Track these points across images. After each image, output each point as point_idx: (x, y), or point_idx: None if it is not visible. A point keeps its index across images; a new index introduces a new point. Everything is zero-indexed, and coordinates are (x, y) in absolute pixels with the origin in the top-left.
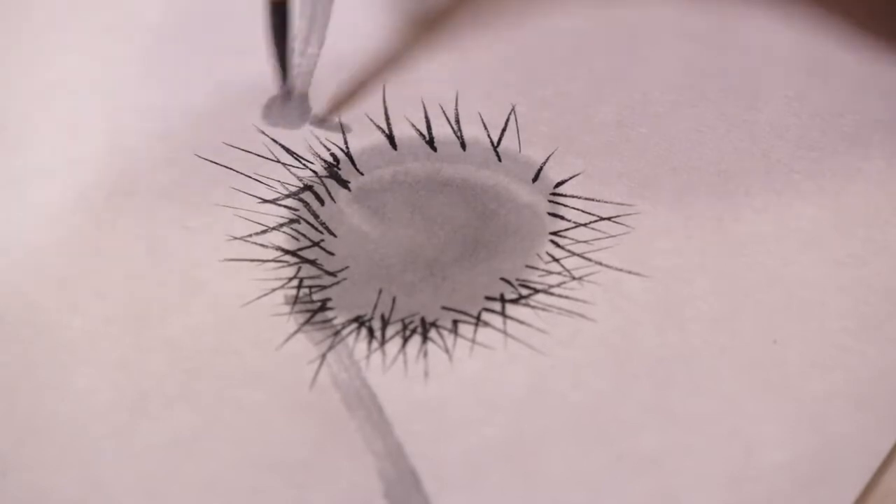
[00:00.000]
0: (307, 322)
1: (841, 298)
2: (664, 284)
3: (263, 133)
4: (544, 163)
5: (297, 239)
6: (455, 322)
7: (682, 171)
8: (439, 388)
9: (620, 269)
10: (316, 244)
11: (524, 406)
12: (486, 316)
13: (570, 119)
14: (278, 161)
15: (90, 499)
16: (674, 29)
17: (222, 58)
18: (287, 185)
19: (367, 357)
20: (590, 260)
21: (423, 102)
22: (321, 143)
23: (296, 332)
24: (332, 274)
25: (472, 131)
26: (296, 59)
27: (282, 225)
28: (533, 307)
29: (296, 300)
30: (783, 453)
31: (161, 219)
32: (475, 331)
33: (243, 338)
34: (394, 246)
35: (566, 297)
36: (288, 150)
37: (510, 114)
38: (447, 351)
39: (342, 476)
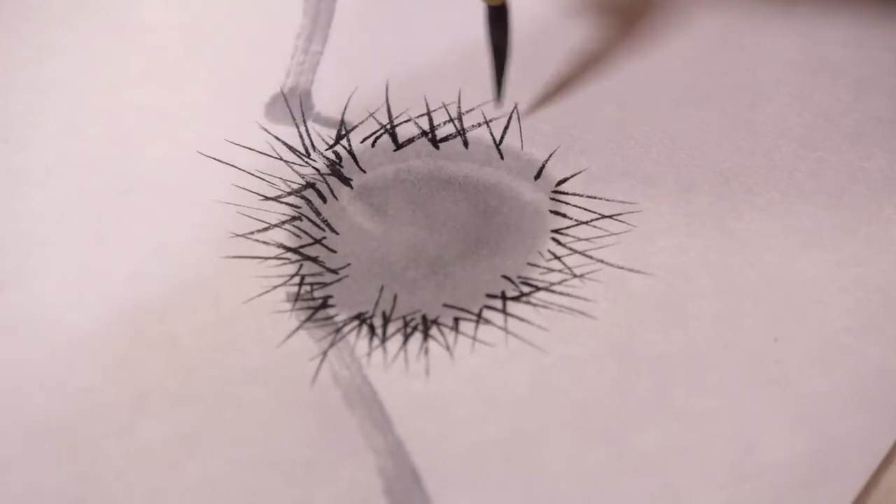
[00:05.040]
0: (308, 319)
1: (842, 297)
2: (666, 282)
3: (266, 130)
4: (546, 161)
5: (298, 236)
6: (456, 319)
7: (685, 169)
8: (440, 386)
9: (622, 267)
10: (318, 241)
11: (525, 403)
12: (487, 313)
13: (572, 117)
14: (280, 158)
15: (91, 498)
16: (677, 28)
17: (225, 55)
18: (289, 183)
19: (369, 354)
20: (591, 258)
21: (425, 100)
22: (324, 140)
23: (297, 329)
24: (334, 271)
25: (474, 129)
26: (299, 57)
27: (284, 222)
28: (534, 305)
29: (297, 297)
30: (784, 451)
31: (163, 216)
32: (476, 328)
33: (245, 335)
34: (396, 243)
35: (568, 295)
36: (290, 148)
37: (512, 112)
38: (448, 348)
39: (343, 473)
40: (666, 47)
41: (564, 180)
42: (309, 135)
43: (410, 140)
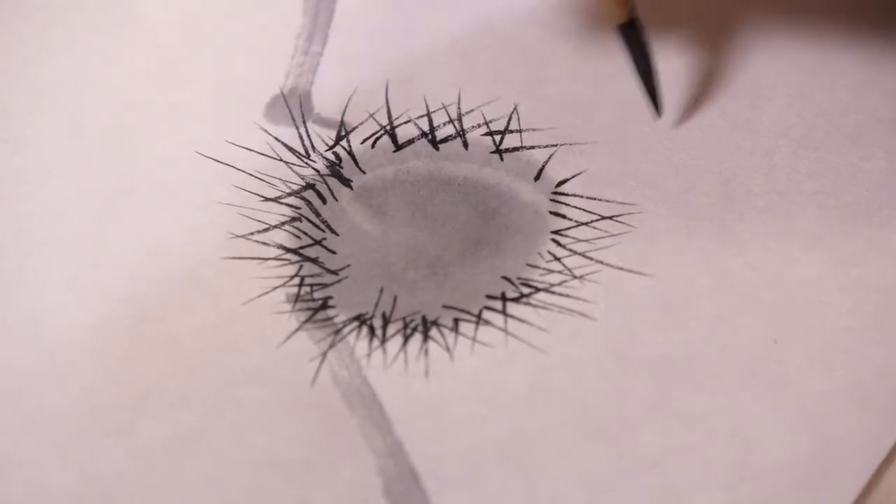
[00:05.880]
0: (308, 320)
1: (842, 298)
2: (665, 283)
3: (266, 131)
4: (546, 161)
5: (298, 237)
6: (456, 320)
7: (685, 170)
8: (440, 387)
9: (622, 268)
10: (318, 242)
11: (525, 404)
12: (487, 314)
13: (572, 118)
14: (280, 159)
15: (91, 497)
16: (676, 28)
17: (225, 55)
18: (289, 184)
19: (368, 355)
20: (591, 259)
21: (425, 101)
22: (323, 141)
23: (297, 330)
24: (334, 272)
25: (474, 130)
26: (298, 58)
27: (284, 223)
28: (534, 306)
29: (297, 298)
30: (784, 452)
31: (163, 216)
32: (476, 329)
33: (245, 335)
34: (396, 244)
35: (567, 296)
36: (290, 149)
37: (512, 112)
38: (448, 349)
39: (343, 473)
40: (664, 48)
41: (564, 181)
42: (309, 136)
43: (410, 141)
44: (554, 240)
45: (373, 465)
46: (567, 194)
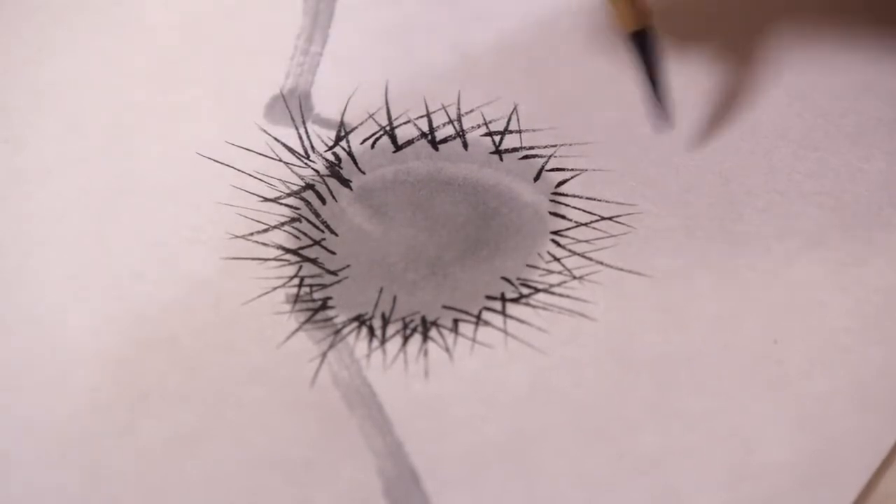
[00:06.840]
0: (308, 320)
1: (842, 298)
2: (665, 284)
3: (265, 132)
4: (546, 162)
5: (298, 238)
6: (455, 321)
7: (684, 170)
8: (439, 387)
9: (622, 269)
10: (317, 243)
11: (524, 405)
12: (486, 315)
13: (572, 118)
14: (280, 160)
15: (91, 498)
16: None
17: (225, 55)
18: (289, 184)
19: (368, 355)
20: (591, 259)
21: (425, 101)
22: (323, 141)
23: (297, 330)
24: (334, 273)
25: (473, 131)
26: (298, 58)
27: (283, 223)
28: (534, 306)
29: (297, 299)
30: (783, 452)
31: (163, 216)
32: (476, 330)
33: (245, 335)
34: (395, 245)
35: (567, 297)
36: (290, 149)
37: (512, 113)
38: (448, 350)
39: (343, 473)
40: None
41: (564, 182)
42: (308, 136)
43: (410, 141)
44: (553, 240)
45: (373, 465)
46: (567, 195)
